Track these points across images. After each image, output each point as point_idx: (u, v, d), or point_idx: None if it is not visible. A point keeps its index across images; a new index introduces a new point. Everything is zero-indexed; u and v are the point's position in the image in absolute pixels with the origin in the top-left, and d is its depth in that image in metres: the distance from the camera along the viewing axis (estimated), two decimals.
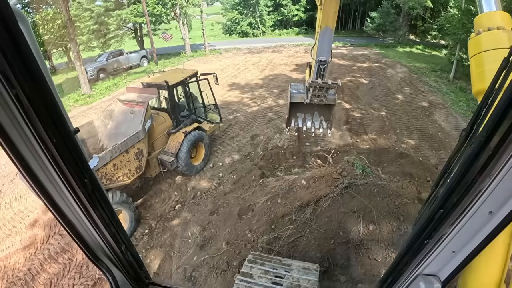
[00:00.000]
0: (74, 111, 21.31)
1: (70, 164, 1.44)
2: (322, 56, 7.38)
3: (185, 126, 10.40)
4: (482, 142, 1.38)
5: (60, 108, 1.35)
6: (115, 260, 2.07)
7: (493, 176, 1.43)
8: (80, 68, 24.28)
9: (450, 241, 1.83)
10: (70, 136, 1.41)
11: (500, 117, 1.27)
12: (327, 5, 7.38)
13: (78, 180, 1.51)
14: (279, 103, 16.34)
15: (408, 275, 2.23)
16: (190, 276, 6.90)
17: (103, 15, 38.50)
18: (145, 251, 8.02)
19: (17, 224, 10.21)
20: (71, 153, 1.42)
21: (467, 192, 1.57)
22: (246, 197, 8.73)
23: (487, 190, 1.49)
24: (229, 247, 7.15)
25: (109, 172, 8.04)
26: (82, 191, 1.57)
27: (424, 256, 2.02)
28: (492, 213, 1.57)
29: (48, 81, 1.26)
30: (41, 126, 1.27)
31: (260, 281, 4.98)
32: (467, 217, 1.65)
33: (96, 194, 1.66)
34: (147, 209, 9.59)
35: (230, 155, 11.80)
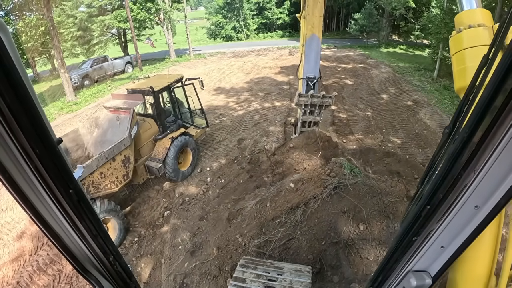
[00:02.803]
0: (59, 119, 21.05)
1: (54, 175, 1.42)
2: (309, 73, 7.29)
3: (172, 132, 10.35)
4: (465, 138, 1.43)
5: (42, 118, 1.33)
6: (104, 271, 2.05)
7: (477, 171, 1.47)
8: (64, 75, 24.00)
9: (438, 237, 1.86)
10: (53, 146, 1.39)
11: (482, 114, 1.32)
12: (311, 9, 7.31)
13: (63, 191, 1.50)
14: (264, 106, 16.39)
15: (399, 272, 2.25)
16: (182, 283, 6.84)
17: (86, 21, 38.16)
18: (135, 259, 7.95)
19: (4, 236, 10.04)
20: (55, 164, 1.40)
21: (453, 188, 1.61)
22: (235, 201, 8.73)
23: (472, 185, 1.53)
24: (220, 252, 7.12)
25: (96, 181, 7.95)
26: (67, 202, 1.55)
27: (413, 252, 2.05)
28: (478, 207, 1.61)
29: (29, 90, 1.25)
30: (24, 136, 1.25)
31: (253, 285, 5.02)
32: (453, 212, 1.69)
33: (81, 204, 1.64)
34: (136, 217, 9.50)
35: (217, 159, 11.78)
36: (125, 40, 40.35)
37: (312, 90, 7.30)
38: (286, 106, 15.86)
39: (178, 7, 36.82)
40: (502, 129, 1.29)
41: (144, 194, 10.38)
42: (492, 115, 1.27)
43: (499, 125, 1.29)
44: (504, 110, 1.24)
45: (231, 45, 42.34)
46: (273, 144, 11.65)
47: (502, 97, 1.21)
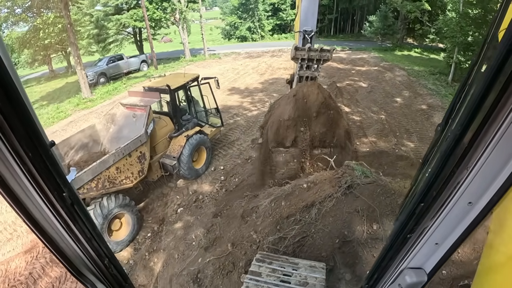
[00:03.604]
0: (74, 115, 21.42)
1: (47, 178, 1.41)
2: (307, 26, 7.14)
3: (187, 130, 10.47)
4: (458, 135, 1.44)
5: (34, 121, 1.31)
6: (99, 275, 2.03)
7: (470, 168, 1.49)
8: (80, 73, 24.35)
9: (432, 234, 1.87)
10: (46, 149, 1.38)
11: (474, 111, 1.33)
12: None
13: (57, 194, 1.48)
14: None
15: (394, 269, 2.27)
16: (196, 277, 6.92)
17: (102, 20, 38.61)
18: (148, 254, 8.07)
19: (18, 228, 10.22)
20: (48, 167, 1.39)
21: (446, 185, 1.63)
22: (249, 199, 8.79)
23: (465, 182, 1.54)
24: (235, 248, 7.20)
25: (112, 175, 8.09)
26: (61, 206, 1.54)
27: (408, 250, 2.07)
28: (472, 203, 1.62)
29: (21, 93, 1.23)
30: (16, 140, 1.25)
31: (268, 279, 5.09)
32: (447, 209, 1.71)
33: (75, 208, 1.63)
34: (149, 213, 9.65)
35: (231, 158, 11.87)
36: (141, 39, 40.72)
37: (310, 44, 7.13)
38: None
39: (194, 7, 37.06)
40: (494, 126, 1.32)
41: (158, 191, 10.53)
42: (484, 112, 1.29)
43: (491, 122, 1.32)
44: (496, 108, 1.26)
45: (245, 46, 42.42)
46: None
47: (493, 95, 1.23)
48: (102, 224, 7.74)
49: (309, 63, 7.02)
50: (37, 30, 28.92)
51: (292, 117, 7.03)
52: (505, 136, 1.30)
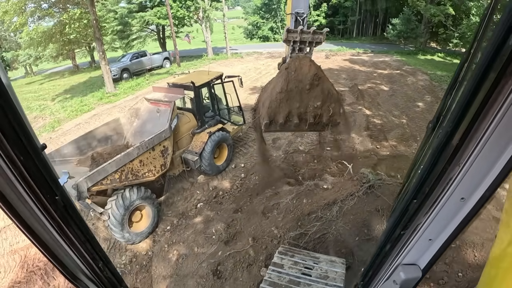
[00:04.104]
0: (98, 108, 21.85)
1: (39, 181, 1.39)
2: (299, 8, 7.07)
3: (210, 127, 10.60)
4: (449, 132, 1.45)
5: (25, 124, 1.30)
6: (94, 278, 2.02)
7: (462, 164, 1.50)
8: (105, 68, 24.81)
9: (426, 230, 1.88)
10: (38, 152, 1.36)
11: (464, 108, 1.34)
12: None
13: (49, 198, 1.47)
14: None
15: (388, 266, 2.28)
16: (216, 270, 7.06)
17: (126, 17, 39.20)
18: (168, 246, 8.22)
19: None
20: (39, 171, 1.37)
21: (438, 181, 1.63)
22: (270, 197, 8.88)
23: (457, 178, 1.56)
24: (255, 242, 7.33)
25: (135, 168, 8.25)
26: (54, 209, 1.52)
27: (402, 246, 2.08)
28: (464, 199, 1.64)
29: (11, 95, 1.21)
30: (7, 143, 1.22)
31: (290, 271, 5.24)
32: (440, 205, 1.72)
33: (68, 211, 1.61)
34: (169, 207, 9.80)
35: (252, 157, 11.95)
36: (164, 36, 41.21)
37: (302, 26, 7.07)
38: None
39: (217, 6, 37.33)
40: (484, 122, 1.33)
41: (178, 186, 10.69)
42: (475, 109, 1.30)
43: (482, 118, 1.32)
44: (486, 104, 1.27)
45: (267, 46, 42.47)
46: (307, 145, 11.76)
47: (484, 92, 1.24)
48: (123, 215, 7.91)
49: (301, 45, 6.95)
50: (63, 25, 29.45)
51: (285, 89, 6.92)
52: (496, 132, 1.33)
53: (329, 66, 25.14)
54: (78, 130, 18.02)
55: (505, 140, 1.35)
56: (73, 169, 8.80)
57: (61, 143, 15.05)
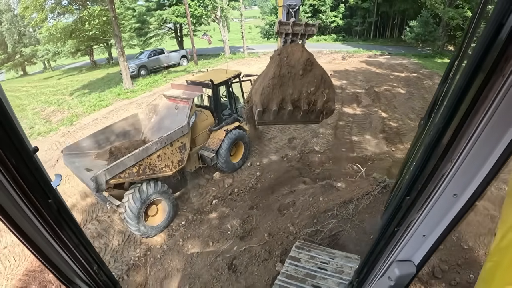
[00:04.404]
0: (115, 104, 22.16)
1: (32, 185, 1.37)
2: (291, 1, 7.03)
3: (227, 125, 10.70)
4: (441, 129, 1.46)
5: (16, 127, 1.27)
6: (89, 281, 2.00)
7: (454, 160, 1.51)
8: (123, 64, 25.12)
9: (419, 226, 1.89)
10: (30, 155, 1.34)
11: (456, 105, 1.35)
12: None
13: (42, 201, 1.45)
14: None
15: (383, 262, 2.30)
16: (231, 264, 7.16)
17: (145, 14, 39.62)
18: (182, 241, 8.32)
19: None
20: (32, 174, 1.36)
21: (431, 178, 1.65)
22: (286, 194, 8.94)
23: (450, 174, 1.57)
24: (271, 238, 7.42)
25: (153, 163, 8.37)
26: (47, 213, 1.50)
27: (396, 242, 2.09)
28: (457, 195, 1.65)
29: (1, 97, 1.20)
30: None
31: (307, 265, 5.37)
32: (433, 201, 1.73)
33: (62, 214, 1.60)
34: (185, 202, 9.92)
35: (267, 155, 12.03)
36: (181, 34, 41.57)
37: (294, 18, 7.04)
38: (337, 110, 15.82)
39: (234, 6, 37.47)
40: (476, 119, 1.34)
41: (194, 182, 10.79)
42: (466, 106, 1.31)
43: (473, 115, 1.33)
44: (478, 101, 1.28)
45: None
46: (322, 146, 11.78)
47: (474, 88, 1.25)
48: (139, 208, 8.02)
49: (293, 38, 6.94)
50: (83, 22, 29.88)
51: (278, 74, 6.86)
52: (487, 128, 1.34)
53: (345, 67, 25.06)
54: (96, 125, 18.30)
55: (497, 136, 1.36)
56: (92, 162, 8.99)
57: (78, 137, 15.32)
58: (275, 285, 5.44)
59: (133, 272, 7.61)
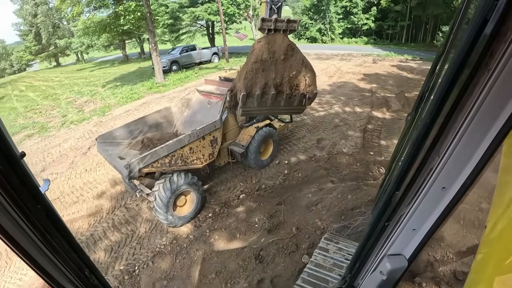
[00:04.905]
0: (147, 97, 22.67)
1: (20, 191, 1.35)
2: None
3: (257, 122, 10.83)
4: (428, 124, 1.49)
5: (3, 132, 1.26)
6: (80, 286, 1.98)
7: (442, 154, 1.55)
8: (156, 59, 25.64)
9: (409, 220, 1.93)
10: (17, 161, 1.32)
11: (442, 99, 1.38)
12: None
13: (31, 207, 1.43)
14: (345, 110, 16.34)
15: (374, 257, 2.35)
16: (258, 254, 7.29)
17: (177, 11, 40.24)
18: (209, 232, 8.49)
19: (84, 193, 11.07)
20: (19, 179, 1.33)
21: (419, 172, 1.69)
22: (314, 192, 9.02)
23: (438, 168, 1.61)
24: (299, 231, 7.53)
25: (185, 155, 8.57)
26: (37, 219, 1.48)
27: (387, 237, 2.14)
28: (445, 188, 1.69)
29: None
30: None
31: (335, 255, 5.59)
32: (422, 195, 1.77)
33: (51, 219, 1.59)
34: (212, 195, 10.08)
35: (295, 154, 12.10)
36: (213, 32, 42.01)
37: (276, 15, 7.06)
38: (367, 113, 15.73)
39: None
40: (462, 114, 1.37)
41: (222, 176, 10.99)
42: (452, 100, 1.33)
43: (459, 110, 1.36)
44: (463, 96, 1.31)
45: (315, 47, 42.34)
46: (351, 148, 11.80)
47: (460, 83, 1.27)
48: (169, 198, 8.20)
49: None
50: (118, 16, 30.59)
51: (260, 59, 6.93)
52: (473, 122, 1.37)
53: (376, 71, 24.81)
54: (128, 116, 18.77)
55: (483, 130, 1.39)
56: (124, 151, 9.33)
57: (110, 127, 15.82)
58: (304, 272, 5.64)
59: (159, 259, 7.78)
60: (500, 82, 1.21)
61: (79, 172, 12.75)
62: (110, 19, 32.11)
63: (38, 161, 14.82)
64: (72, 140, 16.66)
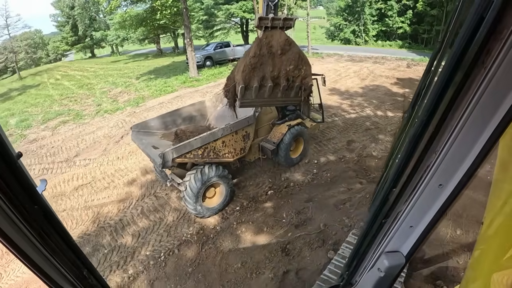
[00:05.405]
0: (180, 91, 23.12)
1: (17, 191, 1.33)
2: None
3: (290, 120, 10.87)
4: (424, 121, 1.48)
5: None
6: (79, 286, 1.96)
7: (438, 151, 1.55)
8: (190, 54, 26.01)
9: (406, 217, 1.93)
10: (14, 162, 1.29)
11: (439, 96, 1.37)
12: None
13: (28, 207, 1.41)
14: (377, 114, 16.18)
15: (372, 254, 2.35)
16: (284, 247, 7.44)
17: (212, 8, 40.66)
18: (236, 224, 8.65)
19: (115, 179, 11.43)
20: (16, 180, 1.31)
21: (416, 169, 1.68)
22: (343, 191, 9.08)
23: (435, 165, 1.61)
24: (326, 228, 7.65)
25: (218, 148, 8.75)
26: (34, 219, 1.47)
27: (384, 234, 2.14)
28: (442, 185, 1.69)
29: None
30: None
31: None
32: (419, 193, 1.77)
33: (48, 219, 1.57)
34: (241, 190, 10.24)
35: (325, 155, 12.13)
36: (247, 29, 42.25)
37: (272, 13, 7.16)
38: (398, 118, 15.59)
39: (302, 5, 37.55)
40: (459, 111, 1.37)
41: (251, 172, 11.13)
42: (449, 97, 1.33)
43: (455, 107, 1.36)
44: (460, 92, 1.31)
45: (348, 48, 41.91)
46: (380, 152, 11.75)
47: (457, 80, 1.27)
48: (199, 189, 8.37)
49: None
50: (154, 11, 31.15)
51: (258, 53, 7.05)
52: (470, 119, 1.38)
53: (410, 75, 24.38)
54: (161, 108, 19.19)
55: (479, 127, 1.40)
56: (158, 141, 9.55)
57: (144, 118, 16.18)
58: (331, 263, 5.85)
59: (185, 248, 7.98)
60: (496, 80, 1.23)
61: (111, 159, 13.20)
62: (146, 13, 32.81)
63: (72, 146, 15.42)
64: (105, 129, 17.22)
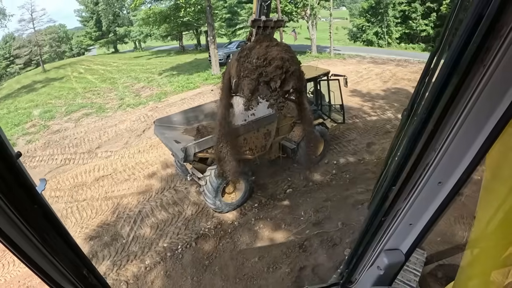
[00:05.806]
0: (203, 87, 23.40)
1: (16, 191, 1.32)
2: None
3: None
4: (424, 119, 1.47)
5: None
6: (78, 285, 1.94)
7: (438, 149, 1.54)
8: (213, 51, 26.16)
9: (406, 215, 1.93)
10: (13, 161, 1.29)
11: (438, 94, 1.37)
12: None
13: (28, 207, 1.40)
14: (398, 117, 16.04)
15: (372, 252, 2.33)
16: (302, 244, 7.58)
17: (236, 6, 40.81)
18: (254, 220, 8.75)
19: (136, 172, 11.67)
20: (16, 180, 1.30)
21: (416, 167, 1.66)
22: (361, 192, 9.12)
23: (434, 163, 1.60)
24: (344, 226, 7.78)
25: (239, 144, 8.78)
26: (33, 218, 1.46)
27: (384, 232, 2.12)
28: (442, 183, 1.68)
29: None
30: None
31: None
32: (418, 190, 1.76)
33: (48, 219, 1.56)
34: (259, 187, 10.30)
35: (344, 156, 12.16)
36: None
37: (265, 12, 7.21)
38: None
39: (325, 5, 37.35)
40: (458, 108, 1.37)
41: (271, 170, 11.17)
42: (448, 95, 1.32)
43: (455, 104, 1.35)
44: (459, 90, 1.30)
45: (370, 50, 41.44)
46: None
47: (456, 79, 1.27)
48: (219, 184, 8.47)
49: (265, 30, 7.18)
50: (178, 8, 31.40)
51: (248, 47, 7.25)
52: (469, 117, 1.37)
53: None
54: (183, 104, 19.43)
55: (478, 125, 1.39)
56: (180, 135, 9.69)
57: (166, 113, 16.44)
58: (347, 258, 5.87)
59: (202, 241, 8.13)
60: (495, 78, 1.23)
61: (132, 152, 13.48)
62: (170, 10, 33.14)
63: (94, 138, 15.80)
64: (128, 122, 17.57)
